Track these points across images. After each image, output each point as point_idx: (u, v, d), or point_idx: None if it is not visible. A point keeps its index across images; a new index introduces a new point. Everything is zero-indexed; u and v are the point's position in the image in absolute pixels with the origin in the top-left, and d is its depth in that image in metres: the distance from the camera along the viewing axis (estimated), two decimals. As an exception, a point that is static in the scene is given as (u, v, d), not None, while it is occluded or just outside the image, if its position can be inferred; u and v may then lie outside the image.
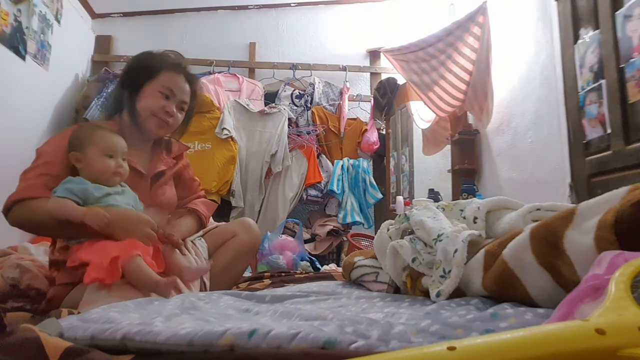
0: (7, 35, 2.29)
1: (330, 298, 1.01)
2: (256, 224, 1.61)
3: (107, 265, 1.02)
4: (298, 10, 3.86)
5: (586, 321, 0.38)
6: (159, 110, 1.31)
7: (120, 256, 1.03)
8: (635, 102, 1.65)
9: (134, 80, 1.34)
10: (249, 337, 0.53)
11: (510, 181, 2.60)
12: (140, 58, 1.39)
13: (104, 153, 1.17)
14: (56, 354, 0.54)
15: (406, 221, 1.09)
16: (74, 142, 1.19)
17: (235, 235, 1.49)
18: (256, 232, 1.56)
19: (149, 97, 1.32)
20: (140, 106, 1.32)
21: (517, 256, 0.72)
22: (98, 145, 1.17)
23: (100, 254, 1.05)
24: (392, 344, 0.55)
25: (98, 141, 1.18)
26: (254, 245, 1.55)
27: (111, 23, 3.64)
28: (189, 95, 1.39)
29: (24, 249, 1.82)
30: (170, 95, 1.33)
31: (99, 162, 1.16)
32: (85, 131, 1.22)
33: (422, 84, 2.92)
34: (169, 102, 1.33)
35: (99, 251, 1.06)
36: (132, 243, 1.08)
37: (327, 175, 3.40)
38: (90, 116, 2.93)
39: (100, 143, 1.18)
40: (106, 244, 1.08)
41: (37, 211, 1.10)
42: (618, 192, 0.64)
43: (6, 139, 2.35)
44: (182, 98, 1.36)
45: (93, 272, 1.02)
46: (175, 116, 1.35)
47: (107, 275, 1.01)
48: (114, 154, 1.19)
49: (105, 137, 1.20)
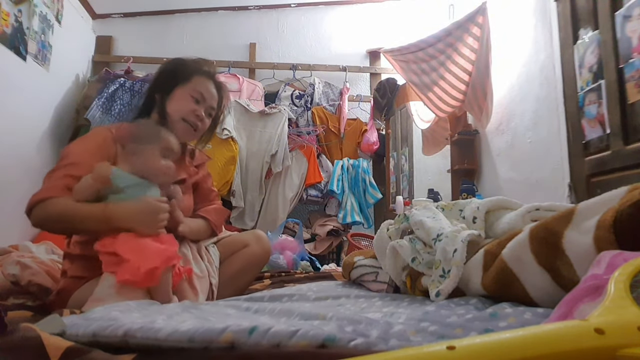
0: (8, 35, 2.29)
1: (330, 297, 1.02)
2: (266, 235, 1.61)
3: (144, 272, 1.01)
4: (298, 10, 3.87)
5: (585, 321, 0.38)
6: (190, 113, 1.33)
7: (160, 267, 1.03)
8: (634, 103, 1.65)
9: (165, 83, 1.36)
10: (249, 334, 0.54)
11: (510, 181, 2.60)
12: (174, 62, 1.42)
13: (162, 152, 1.19)
14: (57, 353, 0.54)
15: (406, 221, 1.10)
16: (135, 135, 1.20)
17: (247, 246, 1.49)
18: (267, 244, 1.55)
19: (180, 100, 1.34)
20: (171, 109, 1.34)
21: (516, 256, 0.73)
22: (159, 144, 1.19)
23: (140, 256, 1.04)
24: (392, 343, 0.55)
25: (160, 140, 1.20)
26: (264, 257, 1.54)
27: (112, 23, 3.64)
28: (217, 101, 1.41)
29: (24, 247, 1.82)
30: (201, 100, 1.35)
31: (154, 160, 1.18)
32: (149, 127, 1.25)
33: (421, 84, 2.92)
34: (199, 106, 1.35)
35: (139, 252, 1.05)
36: (171, 253, 1.09)
37: (327, 175, 3.40)
38: (91, 117, 2.93)
39: (161, 142, 1.20)
40: (146, 245, 1.07)
41: (57, 208, 1.11)
42: (617, 192, 0.64)
43: (6, 139, 2.35)
44: (211, 104, 1.39)
45: (128, 274, 1.02)
46: (204, 121, 1.37)
47: (142, 280, 1.01)
48: (169, 155, 1.21)
49: (167, 137, 1.22)
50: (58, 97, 2.99)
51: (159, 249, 1.07)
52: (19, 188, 2.42)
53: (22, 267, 1.37)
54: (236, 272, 1.44)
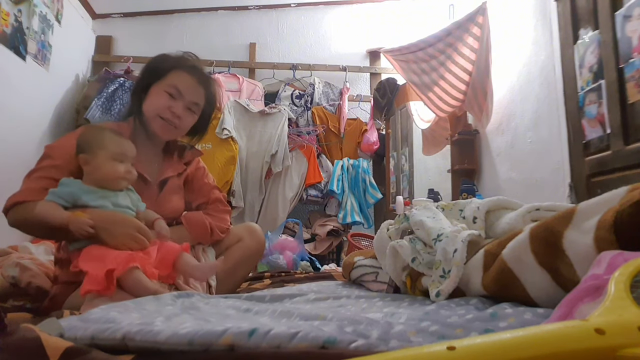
0: (8, 35, 2.29)
1: (330, 298, 1.01)
2: (259, 227, 1.60)
3: (103, 277, 1.00)
4: (298, 10, 3.87)
5: (586, 321, 0.38)
6: (164, 110, 1.27)
7: (117, 269, 1.01)
8: (634, 103, 1.65)
9: (143, 81, 1.32)
10: (249, 336, 0.54)
11: (510, 181, 2.60)
12: (154, 59, 1.36)
13: (114, 157, 1.15)
14: (56, 353, 0.53)
15: (406, 221, 1.10)
16: (83, 144, 1.17)
17: (240, 240, 1.47)
18: (261, 237, 1.53)
19: (154, 96, 1.28)
20: (146, 107, 1.29)
21: (516, 256, 0.72)
22: (107, 149, 1.15)
23: (97, 265, 1.02)
24: (392, 344, 0.55)
25: (108, 145, 1.16)
26: (259, 250, 1.53)
27: (111, 23, 3.64)
28: (202, 96, 1.34)
29: (24, 248, 1.82)
30: (177, 95, 1.28)
31: (107, 166, 1.14)
32: (94, 134, 1.19)
33: (421, 84, 2.92)
34: (175, 101, 1.28)
35: (96, 261, 1.04)
36: (130, 255, 1.06)
37: (327, 175, 3.40)
38: (90, 116, 2.94)
39: (109, 147, 1.15)
40: (104, 253, 1.05)
41: (32, 214, 1.09)
42: (617, 192, 0.64)
43: (6, 139, 2.35)
44: (192, 98, 1.31)
45: (88, 284, 1.01)
46: (182, 117, 1.30)
47: (103, 288, 1.00)
48: (124, 159, 1.17)
49: (114, 141, 1.17)
50: (58, 97, 2.99)
51: (116, 254, 1.04)
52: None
53: (21, 269, 1.37)
54: (231, 267, 1.41)
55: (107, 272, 1.00)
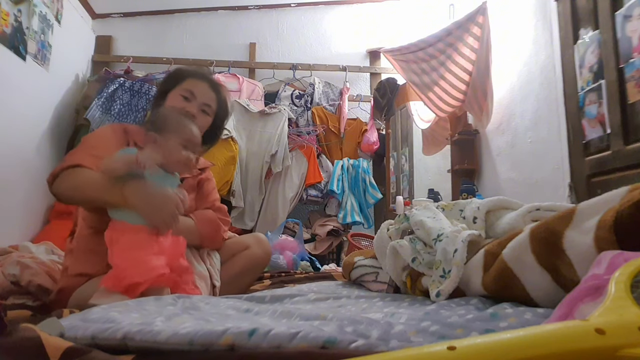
0: (8, 35, 2.29)
1: (330, 298, 1.02)
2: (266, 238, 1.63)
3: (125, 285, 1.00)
4: (298, 10, 3.87)
5: (586, 321, 0.38)
6: (179, 110, 1.34)
7: (143, 284, 1.01)
8: (634, 102, 1.65)
9: (161, 90, 1.43)
10: (249, 336, 0.54)
11: (510, 181, 2.60)
12: (170, 72, 1.52)
13: (183, 143, 1.18)
14: (56, 353, 0.53)
15: (406, 221, 1.10)
16: (160, 123, 1.19)
17: (247, 248, 1.50)
18: (268, 247, 1.57)
19: (170, 100, 1.38)
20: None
21: (516, 256, 0.72)
22: (180, 134, 1.19)
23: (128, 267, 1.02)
24: (392, 344, 0.55)
25: (182, 130, 1.19)
26: (265, 259, 1.56)
27: (111, 23, 3.64)
28: (214, 100, 1.44)
29: (24, 247, 1.82)
30: (190, 97, 1.38)
31: (175, 150, 1.17)
32: (173, 117, 1.24)
33: (422, 84, 2.92)
34: (190, 103, 1.37)
35: (130, 262, 1.03)
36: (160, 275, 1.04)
37: (327, 175, 3.40)
38: (90, 116, 2.93)
39: (182, 133, 1.19)
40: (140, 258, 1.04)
41: (84, 175, 1.13)
42: (617, 192, 0.64)
43: (6, 139, 2.35)
44: (204, 101, 1.40)
45: (111, 281, 1.01)
46: (197, 117, 1.37)
47: (123, 292, 1.00)
48: (190, 147, 1.20)
49: (188, 128, 1.22)
50: (58, 97, 2.99)
51: (149, 266, 1.04)
52: (19, 188, 2.43)
53: (22, 267, 1.37)
54: (237, 274, 1.45)
55: (134, 285, 1.00)
